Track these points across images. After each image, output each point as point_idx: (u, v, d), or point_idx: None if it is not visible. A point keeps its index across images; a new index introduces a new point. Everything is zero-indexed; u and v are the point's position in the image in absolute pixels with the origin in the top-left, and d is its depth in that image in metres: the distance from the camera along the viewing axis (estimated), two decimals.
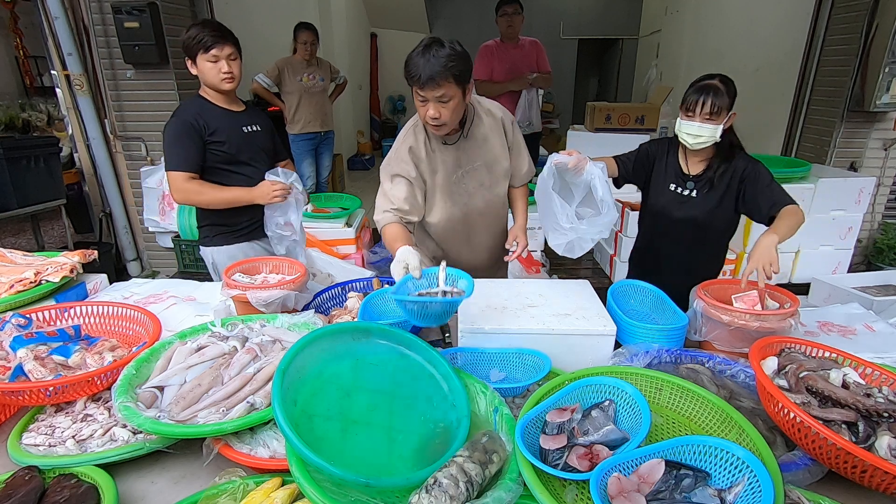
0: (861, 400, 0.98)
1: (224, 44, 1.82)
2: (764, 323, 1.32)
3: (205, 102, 1.93)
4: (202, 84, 1.91)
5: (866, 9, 3.36)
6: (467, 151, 1.73)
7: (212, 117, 1.90)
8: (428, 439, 1.00)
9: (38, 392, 1.10)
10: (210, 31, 1.80)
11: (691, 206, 1.82)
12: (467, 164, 1.73)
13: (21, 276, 1.55)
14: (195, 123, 1.85)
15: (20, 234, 3.44)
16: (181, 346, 1.26)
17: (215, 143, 1.89)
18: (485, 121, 1.75)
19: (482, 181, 1.78)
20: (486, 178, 1.78)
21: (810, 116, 3.94)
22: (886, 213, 3.93)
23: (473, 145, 1.73)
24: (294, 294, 1.53)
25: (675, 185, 1.86)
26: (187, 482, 1.03)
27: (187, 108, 1.90)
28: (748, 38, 5.22)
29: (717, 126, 1.67)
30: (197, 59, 1.83)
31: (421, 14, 8.64)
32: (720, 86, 1.66)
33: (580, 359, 1.29)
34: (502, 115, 1.78)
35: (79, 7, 3.39)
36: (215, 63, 1.83)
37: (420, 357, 1.16)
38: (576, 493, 0.91)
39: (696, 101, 1.66)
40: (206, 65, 1.83)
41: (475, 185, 1.77)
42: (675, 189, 1.85)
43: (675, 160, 1.87)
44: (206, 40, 1.79)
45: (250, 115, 2.05)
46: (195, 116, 1.86)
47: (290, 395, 0.93)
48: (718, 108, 1.64)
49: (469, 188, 1.77)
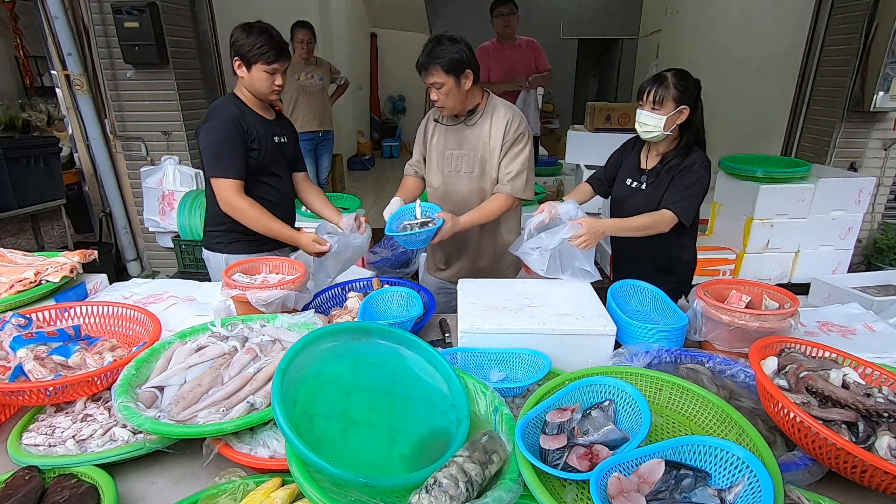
0: (861, 400, 0.98)
1: (285, 60, 1.82)
2: (764, 323, 1.32)
3: (243, 106, 1.87)
4: (243, 87, 1.86)
5: (866, 9, 3.37)
6: (466, 138, 1.91)
7: (252, 123, 1.85)
8: (428, 439, 1.00)
9: (38, 392, 1.10)
10: (276, 44, 1.78)
11: (640, 198, 1.88)
12: (462, 148, 1.92)
13: (21, 276, 1.55)
14: (241, 127, 1.79)
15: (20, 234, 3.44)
16: (181, 346, 1.26)
17: (252, 150, 1.84)
18: (492, 119, 1.88)
19: (472, 169, 1.93)
20: (476, 168, 1.92)
21: (810, 116, 3.94)
22: (886, 213, 3.93)
23: (473, 135, 1.90)
24: (294, 294, 1.53)
25: (630, 179, 1.93)
26: (187, 482, 1.03)
27: (229, 110, 1.82)
28: (748, 38, 5.22)
29: (662, 116, 1.71)
30: (253, 67, 1.77)
31: (421, 14, 8.64)
32: (670, 78, 1.72)
33: (580, 359, 1.29)
34: (511, 116, 1.87)
35: (79, 7, 3.39)
36: (272, 76, 1.79)
37: (420, 357, 1.16)
38: (576, 493, 0.91)
39: (644, 91, 1.75)
40: (262, 75, 1.78)
41: (465, 170, 1.94)
42: (630, 183, 1.93)
43: (636, 156, 1.95)
44: (271, 54, 1.76)
45: (281, 124, 2.01)
46: (239, 119, 1.80)
47: (290, 395, 0.93)
48: (661, 97, 1.70)
49: (460, 170, 1.95)
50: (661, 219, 1.73)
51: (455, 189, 1.96)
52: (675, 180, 1.79)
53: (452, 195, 1.97)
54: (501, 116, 1.87)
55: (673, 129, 1.76)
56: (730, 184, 3.57)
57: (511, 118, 1.87)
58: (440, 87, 1.74)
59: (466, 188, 1.95)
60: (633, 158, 1.96)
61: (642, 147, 1.94)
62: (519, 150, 1.88)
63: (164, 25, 3.40)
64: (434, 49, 1.71)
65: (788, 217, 3.36)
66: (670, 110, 1.71)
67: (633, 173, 1.92)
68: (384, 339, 1.16)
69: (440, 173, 1.97)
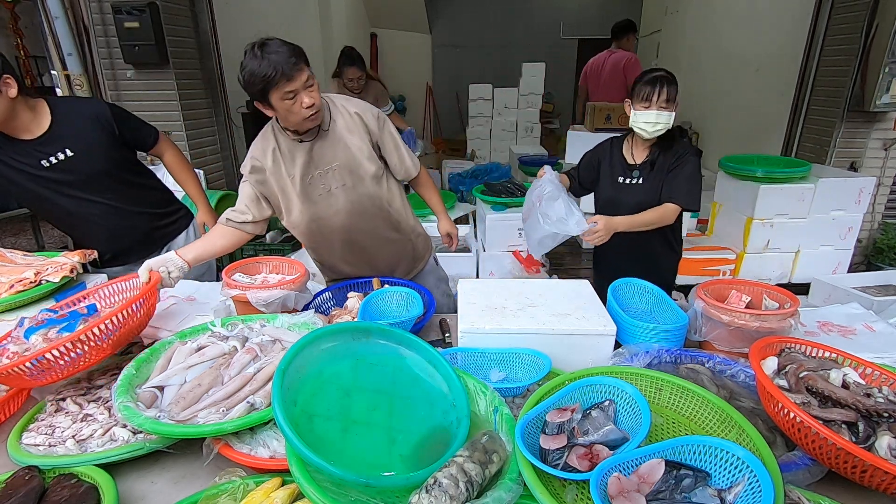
0: (861, 400, 0.98)
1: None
2: (764, 323, 1.32)
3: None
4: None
5: (866, 9, 3.37)
6: (322, 151, 1.65)
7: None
8: (428, 439, 1.00)
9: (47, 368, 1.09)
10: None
11: (638, 191, 1.94)
12: (323, 165, 1.66)
13: (21, 276, 1.55)
14: None
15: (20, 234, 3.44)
16: (181, 346, 1.26)
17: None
18: (337, 120, 1.67)
19: (343, 181, 1.68)
20: (348, 178, 1.68)
21: (810, 116, 3.94)
22: (886, 213, 3.93)
23: (329, 145, 1.66)
24: (294, 294, 1.53)
25: (622, 177, 1.98)
26: (187, 482, 1.03)
27: None
28: (748, 39, 5.22)
29: (672, 113, 1.82)
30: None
31: (421, 14, 8.65)
32: (669, 76, 1.82)
33: (580, 359, 1.29)
34: (361, 111, 1.70)
35: (79, 7, 3.38)
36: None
37: (420, 357, 1.16)
38: (576, 493, 0.91)
39: (653, 91, 1.80)
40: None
41: (337, 186, 1.68)
42: (623, 180, 1.98)
43: (620, 155, 2.00)
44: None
45: (55, 138, 1.66)
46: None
47: (290, 395, 0.93)
48: (672, 95, 1.80)
49: (331, 189, 1.68)
50: (667, 212, 1.83)
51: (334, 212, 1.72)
52: (673, 174, 1.87)
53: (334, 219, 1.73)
54: (348, 116, 1.69)
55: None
56: (730, 184, 3.57)
57: (360, 114, 1.70)
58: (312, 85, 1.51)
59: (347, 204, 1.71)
60: (618, 158, 2.00)
61: (622, 145, 2.01)
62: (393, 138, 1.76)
63: (164, 25, 3.40)
64: (285, 45, 1.46)
65: (788, 217, 3.36)
66: (675, 105, 1.82)
67: (624, 171, 1.98)
68: (384, 339, 1.16)
69: (306, 203, 1.69)
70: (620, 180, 1.98)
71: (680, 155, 1.89)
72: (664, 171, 1.90)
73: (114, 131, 1.79)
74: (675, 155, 1.89)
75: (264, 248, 3.26)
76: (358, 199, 1.72)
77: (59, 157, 1.66)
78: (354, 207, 1.72)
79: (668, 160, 1.89)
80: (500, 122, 7.21)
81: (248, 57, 1.47)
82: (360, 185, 1.70)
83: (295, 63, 1.45)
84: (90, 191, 1.75)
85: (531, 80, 7.03)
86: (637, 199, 1.92)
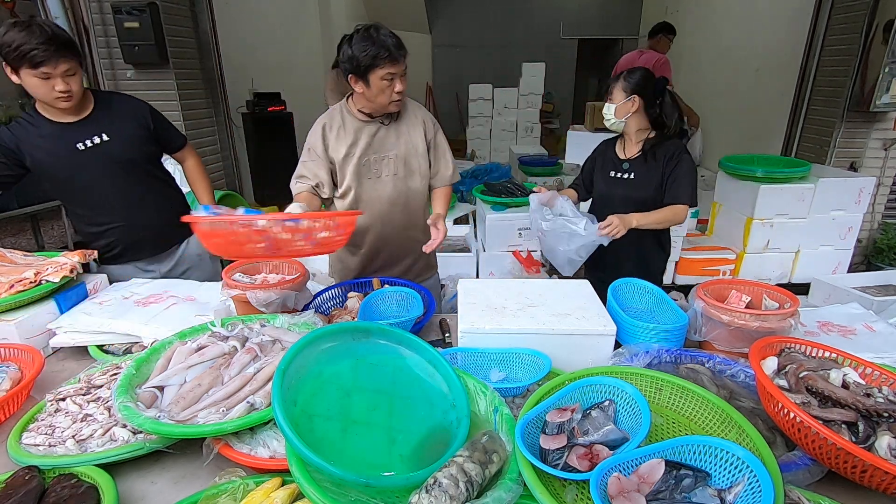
0: (861, 400, 0.98)
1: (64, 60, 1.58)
2: (764, 323, 1.32)
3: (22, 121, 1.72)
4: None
5: (866, 9, 3.37)
6: (386, 140, 1.83)
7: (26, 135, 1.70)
8: (428, 439, 1.00)
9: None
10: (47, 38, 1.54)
11: (629, 185, 2.04)
12: (383, 152, 1.83)
13: (21, 276, 1.55)
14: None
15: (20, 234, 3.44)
16: (181, 346, 1.26)
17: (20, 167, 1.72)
18: (407, 115, 1.86)
19: (396, 171, 1.86)
20: (401, 168, 1.86)
21: (810, 116, 3.95)
22: (886, 213, 3.93)
23: (393, 136, 1.84)
24: (294, 294, 1.53)
25: (613, 171, 2.09)
26: (187, 482, 1.03)
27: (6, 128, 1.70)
28: (748, 38, 5.22)
29: (612, 105, 1.97)
30: (20, 71, 1.56)
31: (421, 14, 8.65)
32: (624, 72, 1.97)
33: (580, 359, 1.29)
34: (424, 115, 1.90)
35: (79, 7, 3.39)
36: (45, 81, 1.58)
37: (420, 357, 1.16)
38: (576, 493, 0.91)
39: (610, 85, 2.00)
40: (33, 80, 1.57)
41: (388, 174, 1.85)
42: (614, 175, 2.09)
43: (613, 152, 2.13)
44: (35, 55, 1.52)
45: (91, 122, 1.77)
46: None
47: (290, 395, 0.93)
48: (611, 89, 1.98)
49: (381, 174, 1.85)
50: (678, 212, 1.93)
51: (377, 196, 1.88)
52: (672, 175, 1.96)
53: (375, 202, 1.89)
54: (414, 115, 1.87)
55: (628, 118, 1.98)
56: (730, 184, 3.57)
57: (423, 118, 1.89)
58: (405, 74, 1.68)
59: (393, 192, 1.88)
60: (611, 155, 2.13)
61: (615, 144, 2.14)
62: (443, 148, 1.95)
63: (164, 25, 3.40)
64: (394, 35, 1.63)
65: (788, 217, 3.36)
66: (620, 100, 1.96)
67: (615, 166, 2.09)
68: (384, 339, 1.16)
69: (355, 182, 1.84)
70: (612, 175, 2.09)
71: (673, 154, 1.96)
72: (656, 167, 1.98)
73: (149, 126, 1.91)
74: (668, 154, 1.96)
75: None
76: (404, 190, 1.88)
77: (94, 140, 1.75)
78: (398, 198, 1.88)
79: (661, 158, 1.97)
80: (500, 122, 7.22)
81: (359, 36, 1.63)
82: (410, 178, 1.88)
83: (401, 50, 1.63)
84: (118, 178, 1.83)
85: (531, 80, 7.04)
86: (626, 192, 2.03)
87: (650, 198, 1.99)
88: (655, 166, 1.98)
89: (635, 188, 2.02)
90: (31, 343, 1.45)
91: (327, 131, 1.81)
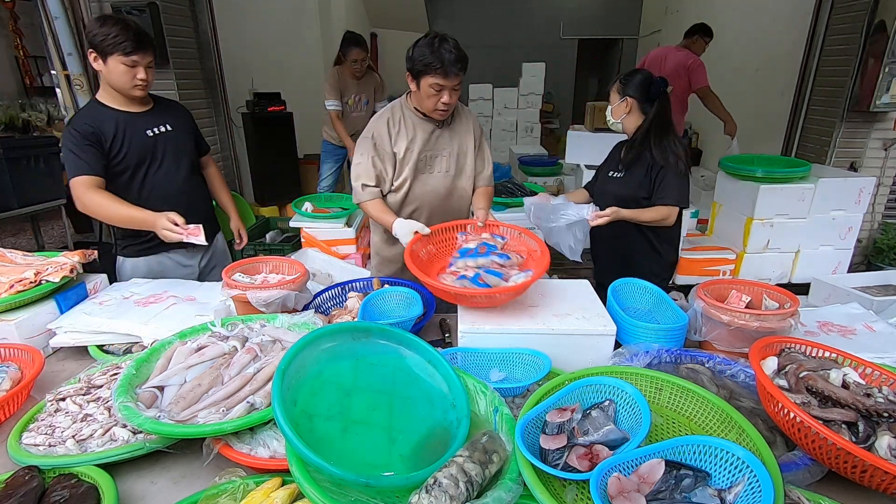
0: (861, 400, 0.98)
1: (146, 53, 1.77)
2: (764, 323, 1.32)
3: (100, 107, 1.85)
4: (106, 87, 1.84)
5: (866, 9, 3.37)
6: (440, 138, 1.95)
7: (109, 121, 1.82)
8: (428, 439, 1.00)
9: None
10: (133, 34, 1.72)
11: (619, 184, 2.10)
12: (438, 149, 1.96)
13: (21, 276, 1.55)
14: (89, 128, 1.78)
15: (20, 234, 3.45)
16: (181, 346, 1.26)
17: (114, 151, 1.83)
18: (460, 118, 2.00)
19: (448, 168, 1.99)
20: (453, 166, 1.99)
21: (810, 116, 3.94)
22: (886, 213, 3.93)
23: (448, 135, 1.97)
24: (294, 294, 1.53)
25: (612, 171, 2.17)
26: (187, 482, 1.03)
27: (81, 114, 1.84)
28: (748, 39, 5.22)
29: (609, 106, 2.09)
30: (109, 59, 1.72)
31: (421, 14, 8.65)
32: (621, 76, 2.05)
33: (580, 359, 1.29)
34: (474, 120, 2.05)
35: (79, 7, 3.38)
36: (131, 68, 1.75)
37: (420, 357, 1.16)
38: (576, 493, 0.91)
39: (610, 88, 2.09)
40: (120, 67, 1.74)
41: (440, 170, 1.98)
42: (612, 174, 2.16)
43: (618, 152, 2.20)
44: (127, 45, 1.70)
45: (158, 112, 1.96)
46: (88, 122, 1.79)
47: (290, 395, 0.93)
48: (607, 92, 2.08)
49: (434, 170, 1.97)
50: (668, 213, 1.97)
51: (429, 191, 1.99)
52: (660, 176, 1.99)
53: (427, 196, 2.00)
54: (466, 116, 2.02)
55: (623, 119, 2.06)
56: (730, 184, 3.57)
57: (472, 121, 2.02)
58: (458, 88, 1.79)
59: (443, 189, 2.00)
60: (615, 155, 2.22)
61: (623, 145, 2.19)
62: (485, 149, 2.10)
63: (164, 25, 3.40)
64: (457, 50, 1.71)
65: (788, 217, 3.36)
66: (614, 101, 2.05)
67: (614, 166, 2.17)
68: (384, 339, 1.16)
69: (411, 176, 1.95)
70: (610, 174, 2.16)
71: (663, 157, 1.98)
72: (642, 167, 2.02)
73: (193, 126, 2.13)
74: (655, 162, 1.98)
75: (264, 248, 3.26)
76: (453, 188, 2.02)
77: (160, 129, 1.94)
78: (446, 194, 2.01)
79: (650, 160, 2.00)
80: (500, 122, 7.22)
81: (424, 41, 1.74)
82: (460, 176, 2.02)
83: (458, 68, 1.73)
84: (177, 166, 1.99)
85: (531, 80, 7.04)
86: (617, 191, 2.08)
87: (631, 196, 2.02)
88: (642, 166, 2.01)
89: (622, 187, 2.07)
90: (31, 343, 1.45)
91: (391, 126, 1.90)
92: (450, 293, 1.40)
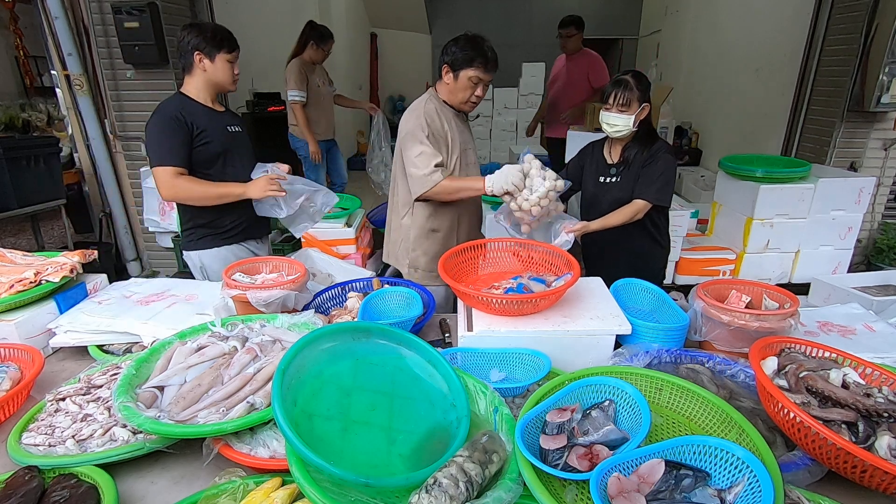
0: (861, 400, 0.98)
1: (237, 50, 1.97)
2: (764, 323, 1.32)
3: (188, 100, 1.96)
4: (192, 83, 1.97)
5: (866, 9, 3.36)
6: (465, 133, 2.10)
7: (198, 115, 1.93)
8: (428, 439, 1.00)
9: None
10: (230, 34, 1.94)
11: (615, 189, 2.06)
12: (467, 144, 2.10)
13: (21, 276, 1.55)
14: (181, 119, 1.88)
15: (20, 234, 3.44)
16: (181, 346, 1.26)
17: (202, 142, 1.92)
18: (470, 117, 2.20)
19: (475, 160, 2.16)
20: (473, 157, 2.14)
21: (810, 116, 3.94)
22: (886, 213, 3.93)
23: (468, 130, 2.16)
24: (294, 294, 1.53)
25: (602, 176, 2.12)
26: (187, 482, 1.03)
27: (169, 105, 1.93)
28: (748, 39, 5.22)
29: (630, 116, 1.93)
30: (217, 58, 1.90)
31: (421, 14, 8.65)
32: (630, 80, 1.92)
33: (580, 359, 1.29)
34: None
35: (79, 7, 3.39)
36: (232, 64, 1.95)
37: (420, 357, 1.16)
38: (576, 493, 0.91)
39: (611, 94, 1.93)
40: (226, 65, 1.93)
41: (471, 163, 2.12)
42: (602, 179, 2.11)
43: (601, 155, 2.14)
44: (232, 43, 1.93)
45: (230, 115, 2.14)
46: (180, 113, 1.89)
47: (290, 395, 0.93)
48: (628, 99, 1.91)
49: (468, 163, 2.10)
50: (636, 209, 1.95)
51: None
52: (644, 171, 1.98)
53: None
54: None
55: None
56: (730, 184, 3.57)
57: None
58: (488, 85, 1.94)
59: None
60: (598, 158, 2.14)
61: (602, 146, 2.15)
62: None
63: (164, 25, 3.40)
64: (496, 55, 1.89)
65: (788, 217, 3.36)
66: (636, 110, 1.93)
67: (603, 170, 2.12)
68: (384, 339, 1.16)
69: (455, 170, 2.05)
70: (601, 180, 2.12)
71: (653, 153, 1.99)
72: (637, 168, 2.01)
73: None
74: (650, 154, 2.00)
75: None
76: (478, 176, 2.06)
77: (235, 128, 2.09)
78: None
79: (643, 159, 2.00)
80: (499, 121, 7.23)
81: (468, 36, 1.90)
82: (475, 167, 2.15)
83: (495, 65, 1.91)
84: (244, 163, 2.08)
85: (531, 80, 7.04)
86: (614, 196, 2.05)
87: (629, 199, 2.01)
88: (636, 168, 2.02)
89: (621, 190, 2.04)
90: (31, 343, 1.45)
91: (438, 113, 1.98)
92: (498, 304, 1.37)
